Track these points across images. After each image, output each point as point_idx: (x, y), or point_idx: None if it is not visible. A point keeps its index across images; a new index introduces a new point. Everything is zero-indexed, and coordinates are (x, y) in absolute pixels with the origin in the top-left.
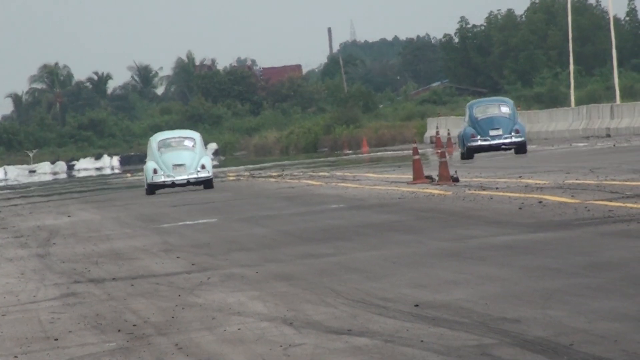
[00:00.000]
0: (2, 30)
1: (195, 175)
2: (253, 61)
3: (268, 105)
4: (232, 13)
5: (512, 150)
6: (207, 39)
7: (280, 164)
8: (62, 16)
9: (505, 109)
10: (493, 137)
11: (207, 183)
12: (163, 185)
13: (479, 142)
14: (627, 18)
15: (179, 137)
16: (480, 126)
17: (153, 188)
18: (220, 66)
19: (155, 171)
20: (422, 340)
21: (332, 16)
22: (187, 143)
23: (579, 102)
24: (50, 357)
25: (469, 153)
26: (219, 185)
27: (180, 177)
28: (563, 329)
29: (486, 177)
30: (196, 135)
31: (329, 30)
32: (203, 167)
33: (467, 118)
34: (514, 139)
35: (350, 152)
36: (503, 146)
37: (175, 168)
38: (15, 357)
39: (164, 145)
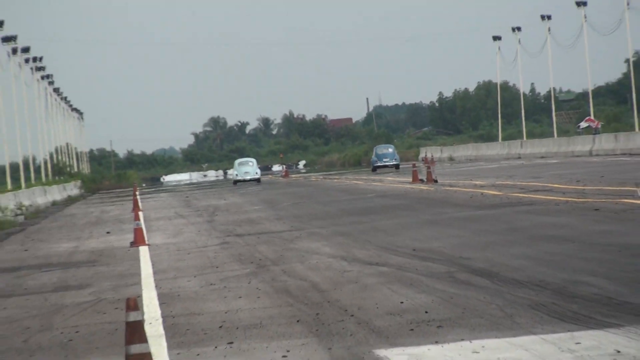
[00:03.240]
0: (189, 92)
1: (253, 177)
2: (325, 115)
3: (333, 140)
4: (315, 88)
5: (394, 168)
6: (301, 102)
7: (339, 172)
8: (223, 83)
9: (390, 150)
10: (385, 162)
11: (258, 181)
12: (238, 181)
13: (378, 164)
14: (530, 93)
15: (246, 160)
16: (379, 156)
17: (235, 182)
18: (307, 118)
19: (236, 175)
20: (416, 269)
21: (369, 90)
22: (250, 163)
23: (503, 139)
24: (214, 277)
25: (374, 169)
26: (305, 182)
27: (246, 178)
28: (494, 263)
29: (453, 180)
30: (254, 160)
31: (367, 99)
32: (257, 173)
33: (374, 153)
34: (393, 163)
35: None
36: (389, 166)
37: (244, 173)
38: (195, 276)
39: (240, 164)
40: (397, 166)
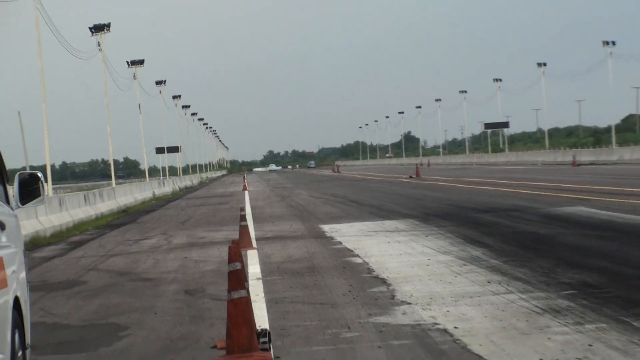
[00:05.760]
0: (259, 133)
1: (274, 169)
2: (305, 149)
3: (308, 158)
4: (299, 135)
5: (314, 168)
6: (304, 141)
7: (309, 169)
8: (276, 127)
9: (313, 163)
10: (311, 166)
11: (276, 171)
12: (271, 170)
13: (309, 167)
14: (371, 144)
15: (272, 164)
16: (309, 165)
17: (270, 171)
18: (297, 150)
19: (269, 169)
20: (333, 200)
21: (320, 138)
22: (274, 164)
23: (362, 160)
24: (268, 202)
25: (308, 168)
26: (298, 171)
27: (272, 169)
28: (358, 199)
29: (345, 172)
30: (274, 164)
31: (318, 145)
32: (277, 169)
33: (308, 163)
34: (313, 166)
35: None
36: (312, 168)
37: (272, 167)
38: (262, 200)
39: (270, 165)
40: (314, 167)
